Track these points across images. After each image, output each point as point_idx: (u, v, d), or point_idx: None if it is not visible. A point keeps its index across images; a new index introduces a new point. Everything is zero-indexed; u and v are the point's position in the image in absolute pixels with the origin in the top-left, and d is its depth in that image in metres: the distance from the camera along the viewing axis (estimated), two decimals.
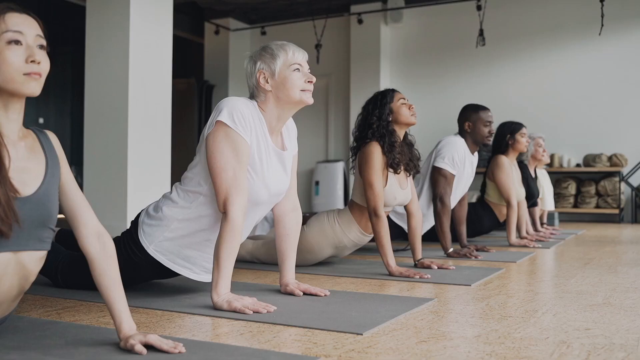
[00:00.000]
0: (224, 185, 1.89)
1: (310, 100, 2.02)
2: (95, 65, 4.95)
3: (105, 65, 4.89)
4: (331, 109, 8.85)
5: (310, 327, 1.63)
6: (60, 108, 7.50)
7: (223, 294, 1.85)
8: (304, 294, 2.11)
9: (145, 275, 2.14)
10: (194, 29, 9.12)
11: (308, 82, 2.00)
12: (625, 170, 7.19)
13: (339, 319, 1.73)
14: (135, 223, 2.09)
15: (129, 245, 2.05)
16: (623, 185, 7.15)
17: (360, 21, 8.22)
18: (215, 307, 1.85)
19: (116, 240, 2.11)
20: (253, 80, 2.03)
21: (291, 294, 2.12)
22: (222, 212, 1.89)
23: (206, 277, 2.11)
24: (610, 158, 7.08)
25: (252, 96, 2.06)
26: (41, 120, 7.34)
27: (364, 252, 3.55)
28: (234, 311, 1.80)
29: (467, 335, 1.57)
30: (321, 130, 8.91)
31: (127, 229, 2.12)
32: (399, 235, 3.57)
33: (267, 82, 2.00)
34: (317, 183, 8.33)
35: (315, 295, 2.10)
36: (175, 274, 2.14)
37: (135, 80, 4.82)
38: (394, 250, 3.50)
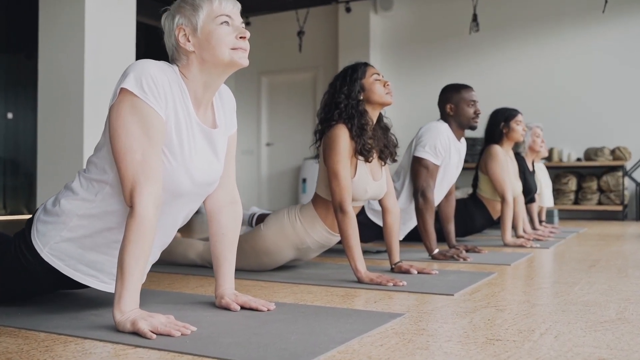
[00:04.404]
0: (130, 171, 1.47)
1: (245, 62, 1.59)
2: (48, 52, 4.54)
3: (59, 52, 4.47)
4: (319, 102, 8.40)
5: (228, 359, 1.21)
6: (31, 103, 7.06)
7: (128, 311, 1.43)
8: (243, 307, 1.70)
9: (44, 285, 1.72)
10: None
11: (240, 37, 1.57)
12: (628, 165, 6.79)
13: (271, 345, 1.31)
14: (30, 221, 1.67)
15: (19, 248, 1.63)
16: (627, 181, 6.73)
17: (348, 10, 7.82)
18: (117, 329, 1.43)
19: (8, 242, 1.69)
20: (172, 40, 1.61)
21: (227, 308, 1.70)
22: (129, 205, 1.47)
23: None
24: (613, 152, 6.65)
25: (172, 60, 1.63)
26: (10, 116, 6.90)
27: (335, 253, 3.11)
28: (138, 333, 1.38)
29: None
30: (308, 125, 8.48)
31: (22, 229, 1.69)
32: (377, 235, 3.14)
33: (189, 41, 1.58)
34: (304, 180, 7.94)
35: (256, 310, 1.68)
36: (81, 284, 1.72)
37: (91, 69, 4.40)
38: (370, 252, 3.09)
